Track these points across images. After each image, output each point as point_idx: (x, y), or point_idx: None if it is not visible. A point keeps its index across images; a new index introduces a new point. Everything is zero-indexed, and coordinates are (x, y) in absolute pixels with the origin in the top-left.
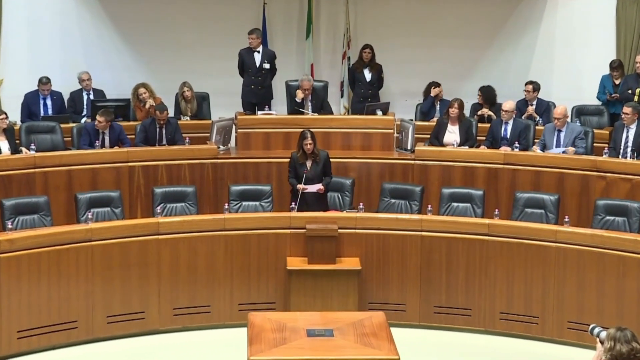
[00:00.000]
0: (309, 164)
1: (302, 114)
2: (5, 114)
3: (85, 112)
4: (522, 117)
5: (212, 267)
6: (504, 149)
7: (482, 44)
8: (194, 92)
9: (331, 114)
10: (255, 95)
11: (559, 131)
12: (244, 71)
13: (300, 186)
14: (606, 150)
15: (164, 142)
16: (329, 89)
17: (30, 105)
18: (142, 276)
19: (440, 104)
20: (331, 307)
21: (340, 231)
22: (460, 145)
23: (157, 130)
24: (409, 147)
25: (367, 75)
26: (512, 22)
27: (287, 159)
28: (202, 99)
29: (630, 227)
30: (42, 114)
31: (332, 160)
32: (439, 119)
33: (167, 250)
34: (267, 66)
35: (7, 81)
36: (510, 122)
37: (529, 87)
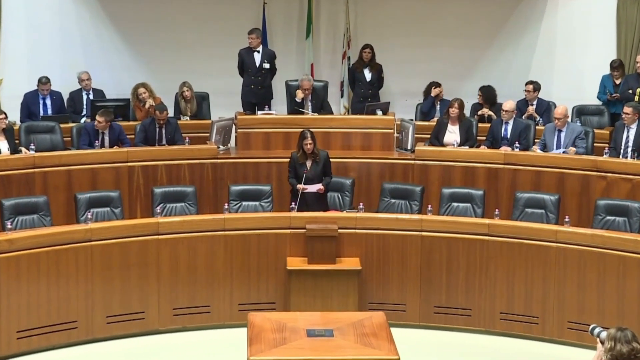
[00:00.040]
0: (309, 164)
1: (302, 113)
2: (4, 114)
3: (84, 112)
4: (523, 117)
5: (212, 267)
6: (504, 149)
7: (482, 43)
8: (194, 92)
9: (331, 114)
10: (255, 95)
11: (560, 131)
12: (244, 71)
13: (300, 186)
14: (607, 150)
15: (164, 142)
16: (329, 88)
17: (29, 105)
18: (141, 276)
19: (440, 103)
20: (331, 307)
21: (340, 231)
22: (460, 145)
23: (157, 130)
24: (409, 147)
25: (367, 75)
26: (512, 22)
27: (287, 159)
28: (202, 99)
29: (630, 227)
30: (41, 114)
31: (332, 160)
32: (439, 119)
33: (167, 250)
34: (267, 66)
35: (6, 81)
36: (510, 122)
37: (529, 87)
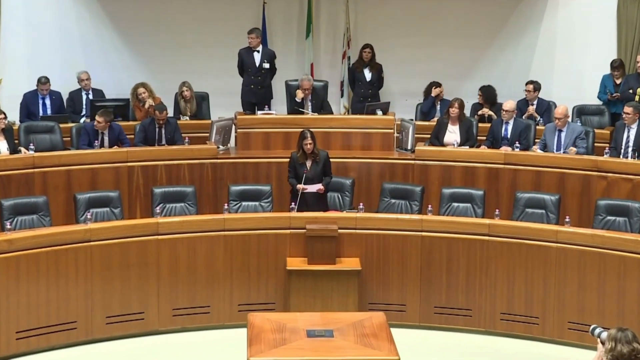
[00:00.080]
0: (308, 164)
1: (302, 113)
2: (4, 114)
3: (84, 112)
4: (523, 117)
5: (211, 267)
6: (505, 149)
7: (482, 43)
8: (194, 92)
9: (331, 113)
10: (255, 95)
11: (560, 131)
12: (244, 71)
13: (300, 186)
14: (607, 150)
15: (164, 142)
16: (329, 88)
17: (29, 105)
18: (141, 276)
19: (440, 103)
20: (331, 308)
21: (340, 231)
22: (460, 145)
23: (157, 130)
24: (409, 147)
25: (367, 75)
26: (512, 22)
27: (287, 159)
28: (202, 99)
29: (631, 228)
30: (41, 114)
31: (332, 160)
32: (439, 119)
33: (167, 250)
34: (266, 66)
35: (6, 81)
36: (510, 122)
37: (529, 86)
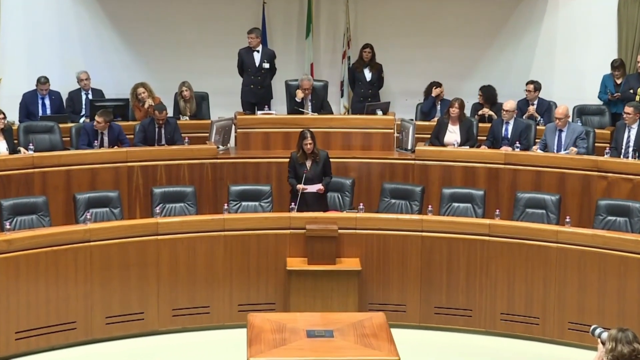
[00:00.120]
0: (308, 164)
1: (302, 113)
2: (3, 114)
3: (83, 112)
4: (523, 117)
5: (211, 267)
6: (505, 149)
7: (482, 43)
8: (194, 92)
9: (331, 113)
10: (254, 95)
11: (560, 131)
12: (244, 71)
13: (300, 186)
14: (607, 150)
15: (163, 142)
16: (329, 88)
17: (28, 105)
18: (141, 277)
19: (440, 103)
20: (331, 308)
21: (340, 231)
22: (460, 145)
23: (156, 130)
24: (409, 147)
25: (367, 74)
26: (513, 22)
27: (287, 159)
28: (202, 99)
29: (631, 228)
30: (40, 114)
31: (332, 160)
32: (439, 119)
33: (167, 250)
34: (266, 66)
35: (5, 81)
36: (511, 122)
37: (530, 86)
